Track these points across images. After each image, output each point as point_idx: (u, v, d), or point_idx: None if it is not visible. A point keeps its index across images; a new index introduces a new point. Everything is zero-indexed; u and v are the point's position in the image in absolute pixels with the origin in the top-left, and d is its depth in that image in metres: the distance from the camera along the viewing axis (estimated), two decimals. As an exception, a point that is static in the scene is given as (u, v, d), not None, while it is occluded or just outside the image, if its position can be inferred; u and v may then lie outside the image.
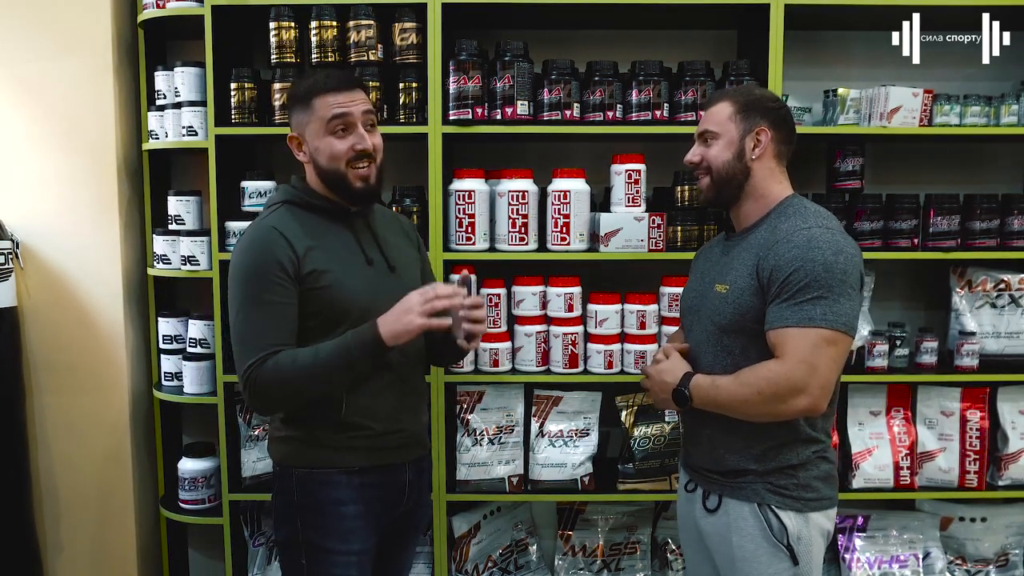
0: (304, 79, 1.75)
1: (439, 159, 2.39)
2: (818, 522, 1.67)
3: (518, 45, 2.40)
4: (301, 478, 1.72)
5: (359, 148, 1.69)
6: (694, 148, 1.78)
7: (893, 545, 2.63)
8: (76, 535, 2.66)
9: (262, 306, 1.62)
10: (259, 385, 1.60)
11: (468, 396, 2.53)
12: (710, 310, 1.72)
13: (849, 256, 1.59)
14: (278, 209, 1.73)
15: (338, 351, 1.61)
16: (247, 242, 1.69)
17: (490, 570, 2.63)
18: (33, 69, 2.52)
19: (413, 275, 1.84)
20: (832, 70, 2.72)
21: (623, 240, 2.41)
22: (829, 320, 1.55)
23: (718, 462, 1.72)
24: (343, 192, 1.72)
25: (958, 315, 2.64)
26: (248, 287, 1.64)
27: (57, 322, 2.59)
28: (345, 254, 1.72)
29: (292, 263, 1.64)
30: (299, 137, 1.74)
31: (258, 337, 1.62)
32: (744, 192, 1.72)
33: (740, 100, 1.72)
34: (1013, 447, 2.54)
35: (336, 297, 1.67)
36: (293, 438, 1.74)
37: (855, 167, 2.53)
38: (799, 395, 1.55)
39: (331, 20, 2.38)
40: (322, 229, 1.72)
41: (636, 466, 2.49)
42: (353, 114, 1.69)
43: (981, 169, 2.77)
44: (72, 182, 2.55)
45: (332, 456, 1.71)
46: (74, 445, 2.63)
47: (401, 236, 1.88)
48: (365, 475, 1.72)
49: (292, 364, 1.60)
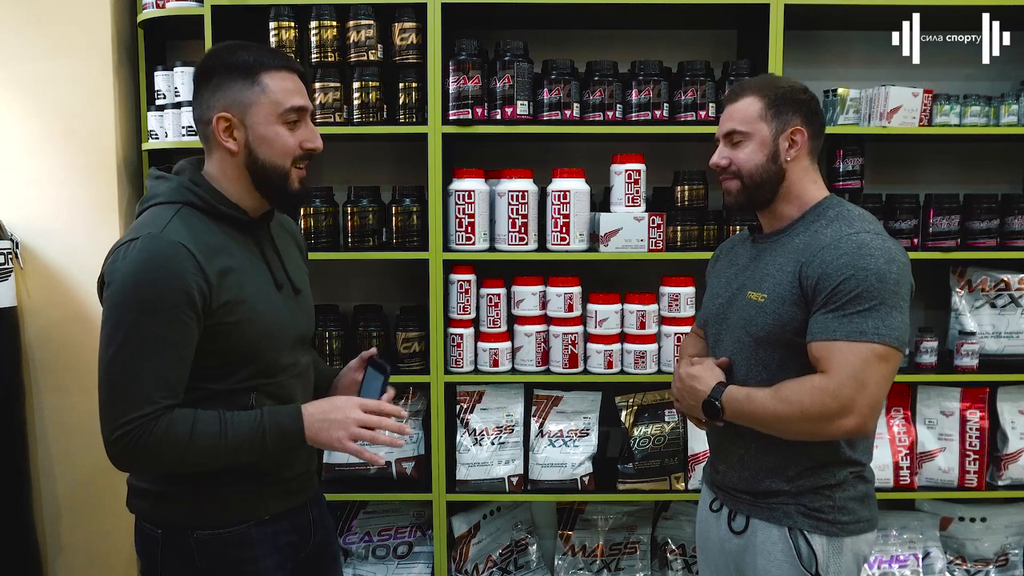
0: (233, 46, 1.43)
1: (439, 159, 2.39)
2: (853, 547, 1.55)
3: (518, 45, 2.40)
4: (204, 542, 1.42)
5: (309, 147, 1.43)
6: (720, 150, 1.62)
7: (893, 545, 2.63)
8: (76, 535, 2.66)
9: (158, 345, 1.30)
10: (140, 448, 1.30)
11: (468, 396, 2.53)
12: (743, 319, 1.59)
13: (901, 265, 1.47)
14: (179, 212, 1.37)
15: (251, 437, 1.35)
16: (144, 258, 1.31)
17: (490, 570, 2.63)
18: (33, 69, 2.52)
19: (310, 296, 1.60)
20: (832, 70, 2.72)
21: (623, 240, 2.41)
22: (881, 334, 1.43)
23: (750, 482, 1.59)
24: (275, 194, 1.44)
25: (958, 315, 2.64)
26: (142, 317, 1.30)
27: (57, 322, 2.59)
28: (256, 277, 1.43)
29: (202, 294, 1.32)
30: (233, 119, 1.39)
31: (150, 385, 1.30)
32: (778, 195, 1.59)
33: (769, 94, 1.56)
34: (1013, 447, 2.54)
35: (250, 333, 1.39)
36: (182, 495, 1.43)
37: (855, 167, 2.53)
38: (847, 415, 1.43)
39: (331, 20, 2.38)
40: (230, 245, 1.40)
41: (636, 466, 2.49)
42: (308, 108, 1.44)
43: (981, 169, 2.77)
44: (72, 182, 2.55)
45: (240, 508, 1.45)
46: (74, 445, 2.62)
47: (293, 246, 1.60)
48: (276, 522, 1.49)
49: (190, 434, 1.32)
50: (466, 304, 2.47)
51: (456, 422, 2.53)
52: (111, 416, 1.31)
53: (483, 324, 2.50)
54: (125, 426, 1.30)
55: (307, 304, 1.57)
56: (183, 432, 1.32)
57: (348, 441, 1.40)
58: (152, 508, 1.46)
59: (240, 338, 1.38)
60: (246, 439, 1.35)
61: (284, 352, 1.46)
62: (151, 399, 1.31)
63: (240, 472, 1.42)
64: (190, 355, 1.35)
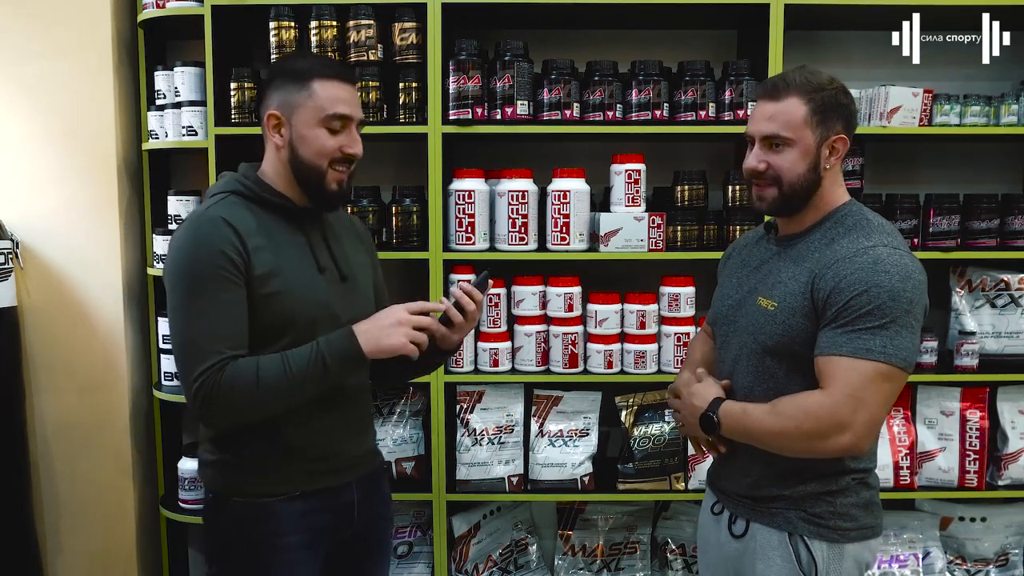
0: (297, 55, 1.56)
1: (439, 159, 2.39)
2: (855, 553, 1.53)
3: (518, 45, 2.40)
4: (237, 507, 1.55)
5: (348, 152, 1.56)
6: (757, 152, 1.53)
7: (893, 545, 2.63)
8: (76, 535, 2.66)
9: (212, 304, 1.44)
10: (217, 395, 1.42)
11: (468, 396, 2.53)
12: (752, 325, 1.57)
13: (917, 283, 1.43)
14: (225, 199, 1.54)
15: (312, 362, 1.45)
16: (189, 233, 1.48)
17: (490, 570, 2.63)
18: (33, 69, 2.52)
19: (366, 284, 1.69)
20: (832, 70, 2.65)
21: (623, 240, 2.41)
22: (888, 353, 1.39)
23: (751, 486, 1.59)
24: (313, 191, 1.57)
25: (958, 315, 2.64)
26: (193, 283, 1.44)
27: (57, 322, 2.59)
28: (296, 258, 1.54)
29: (241, 258, 1.46)
30: (282, 117, 1.55)
31: (210, 340, 1.43)
32: (810, 203, 1.54)
33: (815, 98, 1.49)
34: (1013, 447, 2.54)
35: (283, 306, 1.50)
36: (227, 463, 1.56)
37: (855, 167, 2.53)
38: (842, 432, 1.40)
39: (331, 20, 2.38)
40: (273, 228, 1.54)
41: (636, 466, 2.49)
42: (353, 118, 1.57)
43: (981, 169, 2.77)
44: (72, 182, 2.55)
45: (271, 481, 1.55)
46: (74, 445, 2.62)
47: (355, 241, 1.72)
48: (306, 500, 1.56)
49: (256, 373, 1.43)
50: (466, 304, 2.47)
51: (456, 422, 2.53)
52: (186, 376, 1.45)
53: (483, 324, 2.50)
54: (197, 380, 1.42)
55: (358, 292, 1.65)
56: (249, 374, 1.43)
57: (407, 340, 1.48)
58: (206, 475, 1.62)
59: (273, 310, 1.49)
60: (306, 364, 1.45)
61: (321, 330, 1.52)
62: (214, 350, 1.43)
63: (275, 447, 1.53)
64: (243, 310, 1.47)
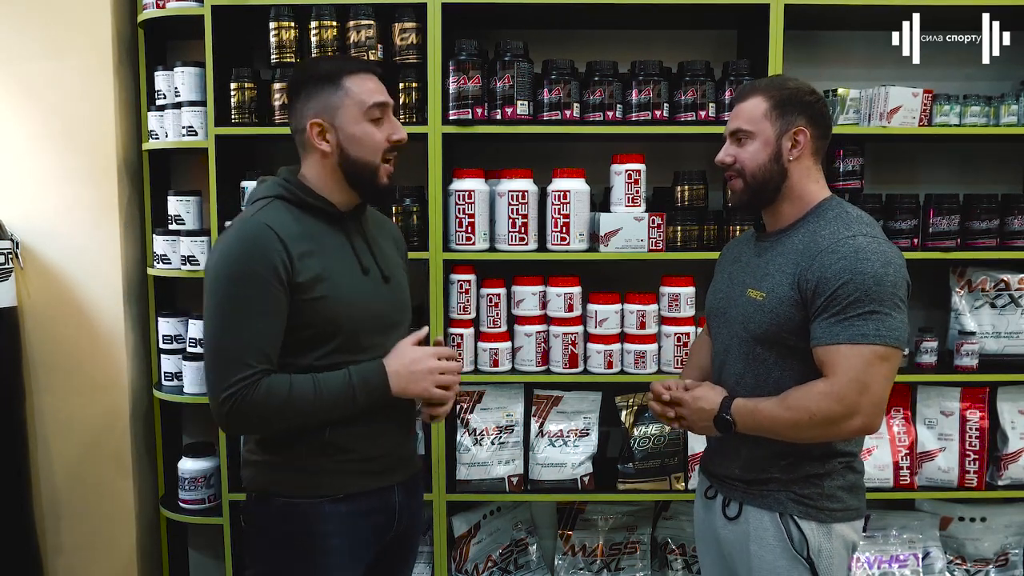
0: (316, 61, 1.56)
1: (439, 159, 2.39)
2: (842, 533, 1.60)
3: (518, 45, 2.40)
4: (282, 508, 1.56)
5: (396, 139, 1.55)
6: (726, 147, 1.66)
7: (893, 545, 2.63)
8: (76, 535, 2.66)
9: (254, 315, 1.44)
10: (246, 408, 1.44)
11: (468, 396, 2.53)
12: (742, 316, 1.64)
13: (897, 267, 1.52)
14: (270, 204, 1.53)
15: (342, 391, 1.48)
16: (236, 239, 1.47)
17: (490, 570, 2.63)
18: (33, 69, 2.52)
19: (403, 286, 1.71)
20: (832, 70, 2.72)
21: (623, 240, 2.41)
22: (882, 335, 1.48)
23: (743, 470, 1.65)
24: (366, 188, 1.56)
25: (958, 315, 2.64)
26: (238, 291, 1.45)
27: (57, 322, 2.59)
28: (340, 261, 1.55)
29: (286, 269, 1.46)
30: (324, 123, 1.52)
31: (248, 351, 1.44)
32: (781, 194, 1.62)
33: (775, 95, 1.60)
34: (1013, 447, 2.54)
35: (331, 310, 1.50)
36: (272, 463, 1.58)
37: (855, 167, 2.53)
38: (853, 416, 1.49)
39: (331, 20, 2.38)
40: (317, 232, 1.54)
41: (636, 466, 2.49)
42: (389, 103, 1.55)
43: (981, 169, 2.77)
44: (72, 182, 2.55)
45: (317, 482, 1.55)
46: (74, 445, 2.63)
47: (390, 241, 1.73)
48: (352, 502, 1.57)
49: (288, 392, 1.45)
50: (466, 304, 2.47)
51: (456, 422, 2.53)
52: (216, 383, 1.45)
53: (483, 324, 2.50)
54: (229, 388, 1.43)
55: (399, 292, 1.67)
56: (282, 391, 1.45)
57: (435, 388, 1.57)
58: (248, 476, 1.62)
59: (320, 314, 1.50)
60: (337, 392, 1.48)
61: (366, 332, 1.55)
62: (249, 364, 1.44)
63: (321, 448, 1.53)
64: (281, 325, 1.48)
